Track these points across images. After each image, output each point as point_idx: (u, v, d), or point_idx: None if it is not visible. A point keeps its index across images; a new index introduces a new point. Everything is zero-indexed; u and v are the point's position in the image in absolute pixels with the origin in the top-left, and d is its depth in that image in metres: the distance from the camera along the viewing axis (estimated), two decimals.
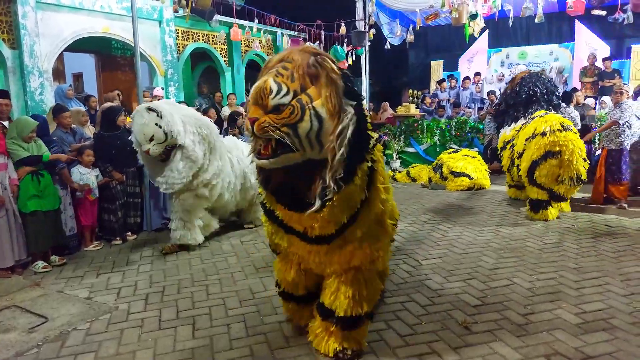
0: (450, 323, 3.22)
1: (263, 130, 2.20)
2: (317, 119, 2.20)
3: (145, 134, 4.60)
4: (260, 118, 2.21)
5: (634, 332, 3.02)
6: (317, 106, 2.20)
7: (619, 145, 6.37)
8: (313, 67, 2.23)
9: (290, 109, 2.19)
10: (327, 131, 2.21)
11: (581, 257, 4.48)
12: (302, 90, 2.22)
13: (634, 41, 11.28)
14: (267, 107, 2.21)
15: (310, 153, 2.27)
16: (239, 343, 3.07)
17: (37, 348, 3.10)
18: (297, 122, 2.19)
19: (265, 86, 2.21)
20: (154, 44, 9.08)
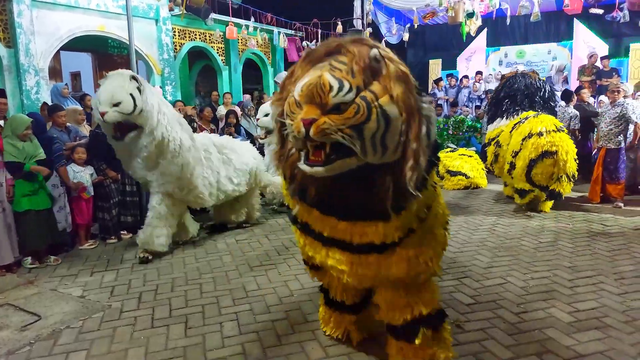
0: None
1: (323, 132, 1.89)
2: (385, 119, 1.92)
3: (114, 96, 4.17)
4: (318, 119, 1.90)
5: (626, 331, 3.01)
6: (384, 104, 1.92)
7: (618, 145, 6.38)
8: (375, 61, 1.96)
9: (355, 107, 1.90)
10: (394, 132, 1.94)
11: (576, 256, 4.48)
12: (365, 86, 1.94)
13: (632, 40, 11.26)
14: (327, 106, 1.92)
15: (371, 157, 1.97)
16: (231, 341, 3.07)
17: (30, 346, 3.09)
18: (363, 122, 1.90)
19: (323, 82, 1.91)
20: (151, 42, 9.06)
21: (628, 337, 2.94)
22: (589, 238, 5.03)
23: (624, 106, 6.33)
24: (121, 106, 4.17)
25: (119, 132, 4.33)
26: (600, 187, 6.63)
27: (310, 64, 2.06)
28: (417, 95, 2.01)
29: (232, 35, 9.81)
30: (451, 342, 2.61)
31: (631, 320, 3.16)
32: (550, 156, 5.71)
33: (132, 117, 4.25)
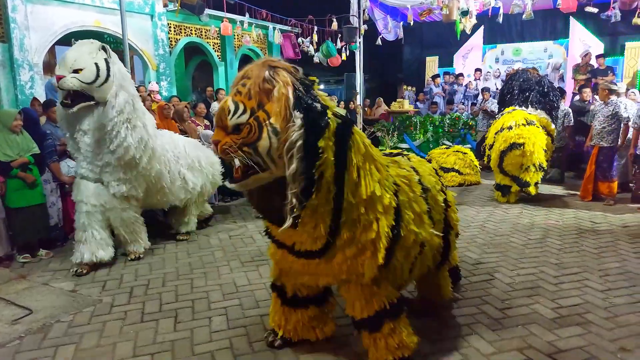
0: (428, 318, 3.25)
1: (225, 151, 2.15)
2: (276, 136, 2.11)
3: (76, 61, 3.89)
4: (221, 140, 2.16)
5: (607, 327, 3.07)
6: (274, 122, 2.11)
7: (611, 143, 6.43)
8: (268, 82, 2.14)
9: (248, 127, 2.12)
10: (289, 147, 2.12)
11: (563, 253, 4.53)
12: (260, 107, 2.13)
13: (627, 38, 11.30)
14: (228, 128, 2.16)
15: (276, 171, 2.18)
16: (219, 335, 3.11)
17: (19, 340, 3.13)
18: (255, 140, 2.11)
19: (224, 107, 2.17)
20: (146, 38, 9.06)
21: (608, 333, 2.99)
22: (577, 235, 5.08)
23: (617, 104, 6.38)
24: (82, 73, 3.88)
25: (69, 99, 3.97)
26: (592, 185, 6.68)
27: (233, 87, 2.28)
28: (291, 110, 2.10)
29: (226, 31, 9.81)
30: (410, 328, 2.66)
31: (613, 316, 3.21)
32: (518, 147, 6.21)
33: (90, 88, 3.93)
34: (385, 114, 11.70)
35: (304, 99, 2.14)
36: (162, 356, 2.89)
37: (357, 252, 2.36)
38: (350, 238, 2.33)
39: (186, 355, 2.90)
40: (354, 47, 11.36)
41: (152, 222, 5.27)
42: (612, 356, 2.73)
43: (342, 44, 11.25)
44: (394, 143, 10.59)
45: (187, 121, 6.66)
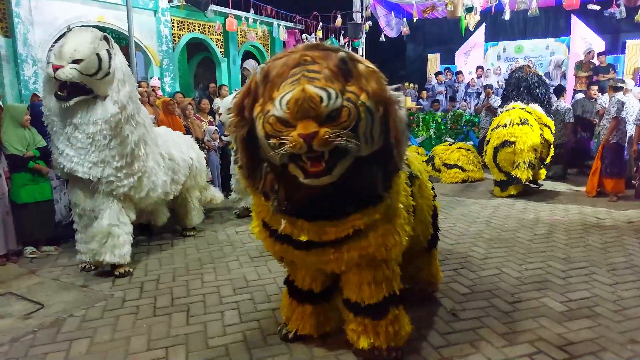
0: (439, 310, 3.29)
1: (327, 142, 1.99)
2: (370, 114, 2.08)
3: (76, 51, 3.56)
4: (319, 131, 1.98)
5: (616, 320, 3.10)
6: (365, 101, 2.07)
7: (616, 140, 6.46)
8: (343, 63, 2.10)
9: (347, 111, 2.03)
10: (377, 123, 2.12)
11: (570, 247, 4.56)
12: (344, 88, 2.07)
13: (628, 36, 11.32)
14: (322, 117, 2.00)
15: (364, 151, 2.12)
16: (232, 329, 3.14)
17: (33, 334, 3.15)
18: (356, 122, 2.04)
19: (310, 95, 1.97)
20: (150, 33, 9.06)
21: (617, 326, 3.02)
22: (583, 231, 5.12)
23: (612, 101, 6.47)
24: (83, 64, 3.55)
25: (65, 91, 3.63)
26: (597, 181, 6.73)
27: (277, 79, 2.11)
28: (387, 86, 2.19)
29: (232, 27, 9.81)
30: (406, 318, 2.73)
31: (621, 309, 3.25)
32: (509, 145, 6.58)
33: (91, 80, 3.63)
34: None
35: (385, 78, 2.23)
36: (176, 350, 2.92)
37: (387, 232, 2.42)
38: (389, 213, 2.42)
39: (201, 348, 2.92)
40: (357, 43, 11.37)
41: None
42: (622, 348, 2.77)
43: (346, 40, 11.26)
44: None
45: (191, 117, 6.68)
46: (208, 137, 6.84)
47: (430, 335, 2.95)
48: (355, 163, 2.15)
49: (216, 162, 6.99)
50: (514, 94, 7.34)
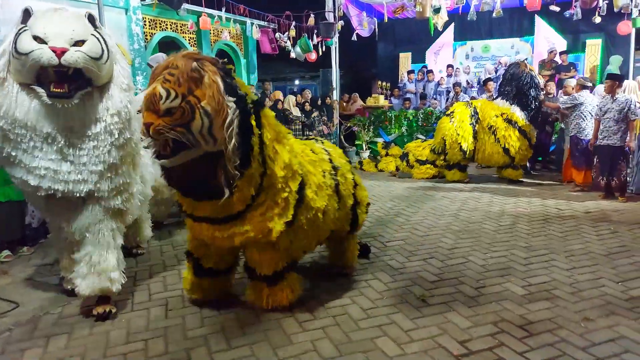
0: (409, 297, 3.46)
1: (158, 132, 2.48)
2: (207, 117, 2.50)
3: (76, 31, 2.79)
4: (154, 122, 2.47)
5: (572, 301, 3.34)
6: (204, 105, 2.49)
7: (578, 133, 6.95)
8: (195, 71, 2.50)
9: (181, 110, 2.48)
10: (217, 126, 2.51)
11: (531, 237, 4.82)
12: (190, 92, 2.49)
13: (587, 36, 11.87)
14: (160, 112, 2.48)
15: (206, 147, 2.57)
16: (210, 321, 3.21)
17: (9, 331, 3.14)
18: (189, 121, 2.48)
19: (155, 92, 2.47)
20: (121, 32, 8.95)
21: (573, 306, 3.26)
22: (544, 221, 5.40)
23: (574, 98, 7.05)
24: (87, 47, 2.80)
25: (66, 85, 2.80)
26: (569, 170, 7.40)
27: (154, 77, 2.59)
28: (224, 96, 2.54)
29: (205, 25, 9.79)
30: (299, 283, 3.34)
31: (577, 291, 3.50)
32: None
33: (98, 65, 2.89)
34: (361, 109, 11.91)
35: (231, 85, 2.59)
36: (155, 342, 2.97)
37: (271, 210, 2.88)
38: (267, 199, 2.86)
39: (179, 339, 2.99)
40: (330, 42, 11.51)
41: None
42: (576, 325, 2.99)
43: (319, 39, 11.38)
44: (369, 137, 10.81)
45: None
46: None
47: (401, 320, 3.11)
48: (205, 159, 2.62)
49: None
50: (501, 90, 7.86)
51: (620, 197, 6.30)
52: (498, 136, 7.55)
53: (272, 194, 2.87)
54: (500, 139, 7.53)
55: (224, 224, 2.86)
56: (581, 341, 2.81)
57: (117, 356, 2.82)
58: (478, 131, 7.72)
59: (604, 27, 10.82)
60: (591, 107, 6.88)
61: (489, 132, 7.63)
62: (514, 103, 7.52)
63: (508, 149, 7.51)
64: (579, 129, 6.97)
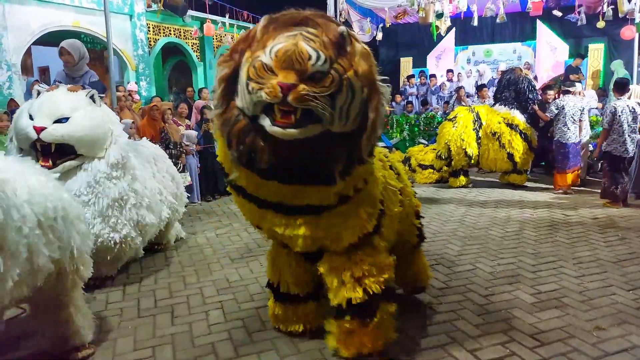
0: (416, 304, 3.43)
1: (302, 98, 1.99)
2: (352, 91, 2.09)
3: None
4: (297, 85, 1.99)
5: (582, 309, 3.30)
6: (351, 77, 2.08)
7: (560, 138, 7.08)
8: (342, 37, 2.10)
9: (331, 78, 2.04)
10: (357, 104, 2.12)
11: (539, 243, 4.79)
12: (336, 59, 2.08)
13: (590, 41, 11.89)
14: (305, 74, 2.01)
15: (335, 125, 2.11)
16: (217, 328, 3.19)
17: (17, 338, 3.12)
18: (336, 92, 2.05)
19: (301, 50, 2.00)
20: (125, 38, 9.00)
21: (584, 314, 3.22)
22: (551, 227, 5.37)
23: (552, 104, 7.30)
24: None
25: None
26: None
27: (275, 31, 2.11)
28: (377, 73, 2.20)
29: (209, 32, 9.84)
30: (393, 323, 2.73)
31: (587, 299, 3.46)
32: None
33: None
34: None
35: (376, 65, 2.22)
36: (163, 349, 2.95)
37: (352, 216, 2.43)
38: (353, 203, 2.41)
39: (187, 347, 2.97)
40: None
41: None
42: (588, 334, 2.96)
43: None
44: None
45: (168, 121, 6.68)
46: (186, 141, 6.86)
47: (409, 328, 3.08)
48: (323, 137, 2.13)
49: (194, 165, 7.01)
50: (499, 96, 7.86)
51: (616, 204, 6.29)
52: (503, 142, 7.54)
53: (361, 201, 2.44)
54: (505, 144, 7.52)
55: (296, 215, 2.39)
56: (594, 351, 2.77)
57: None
58: (481, 137, 7.72)
59: (607, 32, 10.83)
60: (573, 110, 7.01)
61: (493, 138, 7.62)
62: (514, 107, 7.59)
63: (512, 153, 7.52)
64: (561, 133, 7.08)
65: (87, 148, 3.43)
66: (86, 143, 3.39)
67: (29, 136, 3.24)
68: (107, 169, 3.54)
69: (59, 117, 3.27)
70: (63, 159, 3.34)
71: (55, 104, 3.30)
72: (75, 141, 3.34)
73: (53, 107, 3.28)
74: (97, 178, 3.49)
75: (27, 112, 3.29)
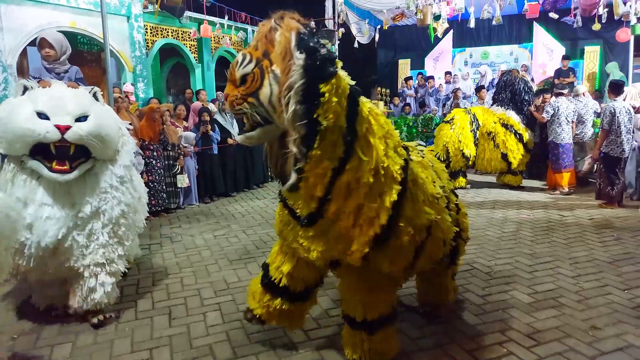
0: (415, 305, 3.43)
1: (232, 104, 2.07)
2: (277, 82, 2.00)
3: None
4: (230, 93, 2.09)
5: (578, 309, 3.32)
6: (274, 68, 2.00)
7: (555, 139, 7.20)
8: (274, 30, 2.04)
9: (252, 76, 2.03)
10: (285, 92, 1.99)
11: (536, 244, 4.81)
12: (265, 55, 2.04)
13: (586, 43, 11.96)
14: (236, 81, 2.08)
15: (279, 121, 2.05)
16: (215, 329, 3.19)
17: (12, 340, 3.12)
18: (257, 89, 2.02)
19: (236, 59, 2.11)
20: (122, 39, 8.99)
21: (580, 314, 3.24)
22: (548, 228, 5.40)
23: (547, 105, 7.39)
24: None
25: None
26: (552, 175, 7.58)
27: None
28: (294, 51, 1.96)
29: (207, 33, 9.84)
30: None
31: (583, 299, 3.48)
32: None
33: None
34: None
35: (307, 40, 1.98)
36: (160, 351, 2.95)
37: (353, 221, 2.16)
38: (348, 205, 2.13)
39: (185, 349, 2.97)
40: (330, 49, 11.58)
41: None
42: (584, 334, 2.98)
43: None
44: None
45: (167, 123, 6.69)
46: (184, 143, 6.86)
47: (407, 329, 3.09)
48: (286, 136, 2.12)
49: (192, 167, 7.01)
50: (496, 97, 8.00)
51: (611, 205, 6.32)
52: (497, 142, 7.61)
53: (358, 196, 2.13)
54: (499, 145, 7.59)
55: (304, 225, 2.27)
56: (590, 350, 2.79)
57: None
58: (478, 138, 7.77)
59: (602, 34, 10.90)
60: (567, 111, 7.17)
61: (488, 138, 7.69)
62: (509, 108, 7.66)
63: (506, 154, 7.58)
64: (556, 134, 7.20)
65: (104, 149, 3.09)
66: (107, 143, 3.09)
67: (49, 136, 2.82)
68: (123, 171, 3.27)
69: (80, 115, 2.93)
70: (78, 162, 2.99)
71: (72, 100, 2.96)
72: (99, 141, 3.00)
73: (71, 103, 2.93)
74: (112, 183, 3.18)
75: (31, 110, 2.85)
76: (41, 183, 2.97)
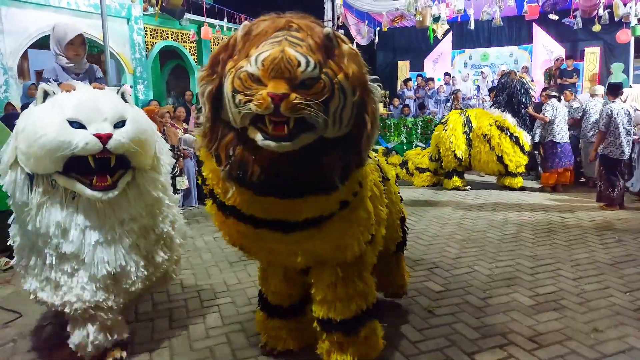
0: (415, 308, 3.43)
1: (295, 108, 1.85)
2: (343, 95, 1.97)
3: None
4: (289, 94, 1.85)
5: (580, 311, 3.31)
6: (342, 81, 1.96)
7: (550, 138, 7.37)
8: (328, 39, 1.98)
9: (322, 84, 1.91)
10: (349, 107, 1.99)
11: (537, 246, 4.80)
12: (325, 64, 1.95)
13: (586, 44, 11.96)
14: (295, 82, 1.88)
15: (330, 131, 1.99)
16: (215, 332, 3.19)
17: (13, 343, 3.11)
18: (328, 98, 1.92)
19: (289, 57, 1.86)
20: (123, 41, 9.00)
21: (582, 317, 3.23)
22: (549, 230, 5.39)
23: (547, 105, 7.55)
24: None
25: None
26: None
27: (257, 38, 1.97)
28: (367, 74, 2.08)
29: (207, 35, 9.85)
30: None
31: (585, 301, 3.47)
32: None
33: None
34: None
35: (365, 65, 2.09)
36: (161, 353, 2.94)
37: (354, 222, 2.32)
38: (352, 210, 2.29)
39: (185, 351, 2.96)
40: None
41: None
42: (586, 336, 2.97)
43: None
44: None
45: (167, 125, 6.69)
46: (183, 145, 6.86)
47: (407, 332, 3.08)
48: (317, 144, 1.99)
49: (192, 169, 7.01)
50: (495, 99, 8.06)
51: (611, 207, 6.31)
52: (492, 144, 7.62)
53: (356, 204, 2.32)
54: (494, 147, 7.61)
55: (296, 231, 2.23)
56: (591, 353, 2.78)
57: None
58: (472, 139, 7.78)
59: (602, 36, 10.90)
60: (564, 112, 7.42)
61: (484, 140, 7.70)
62: (505, 110, 7.69)
63: (501, 156, 7.58)
64: (554, 133, 7.36)
65: (143, 157, 2.71)
66: (147, 150, 2.72)
67: (89, 148, 2.44)
68: (165, 179, 2.95)
69: (118, 120, 2.58)
70: (118, 174, 2.61)
71: (107, 103, 2.60)
72: (140, 148, 2.63)
73: (107, 107, 2.57)
74: (157, 193, 2.84)
75: (62, 118, 2.46)
76: (79, 203, 2.59)
